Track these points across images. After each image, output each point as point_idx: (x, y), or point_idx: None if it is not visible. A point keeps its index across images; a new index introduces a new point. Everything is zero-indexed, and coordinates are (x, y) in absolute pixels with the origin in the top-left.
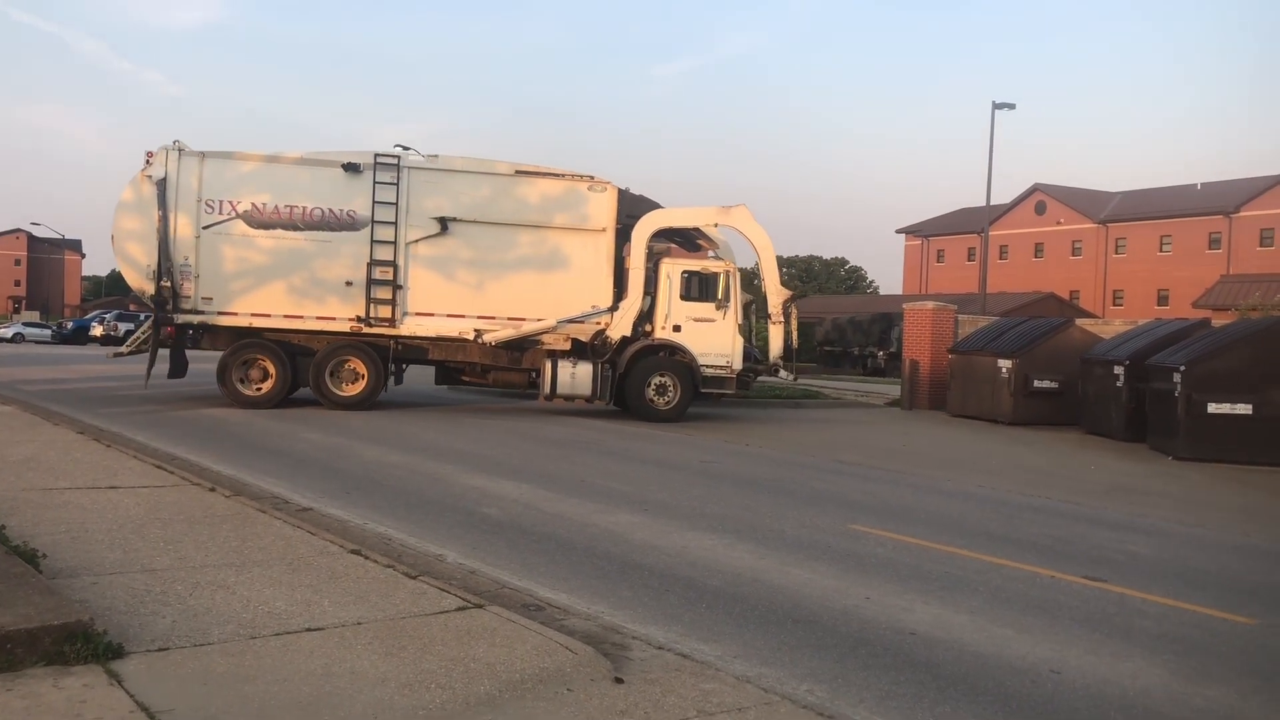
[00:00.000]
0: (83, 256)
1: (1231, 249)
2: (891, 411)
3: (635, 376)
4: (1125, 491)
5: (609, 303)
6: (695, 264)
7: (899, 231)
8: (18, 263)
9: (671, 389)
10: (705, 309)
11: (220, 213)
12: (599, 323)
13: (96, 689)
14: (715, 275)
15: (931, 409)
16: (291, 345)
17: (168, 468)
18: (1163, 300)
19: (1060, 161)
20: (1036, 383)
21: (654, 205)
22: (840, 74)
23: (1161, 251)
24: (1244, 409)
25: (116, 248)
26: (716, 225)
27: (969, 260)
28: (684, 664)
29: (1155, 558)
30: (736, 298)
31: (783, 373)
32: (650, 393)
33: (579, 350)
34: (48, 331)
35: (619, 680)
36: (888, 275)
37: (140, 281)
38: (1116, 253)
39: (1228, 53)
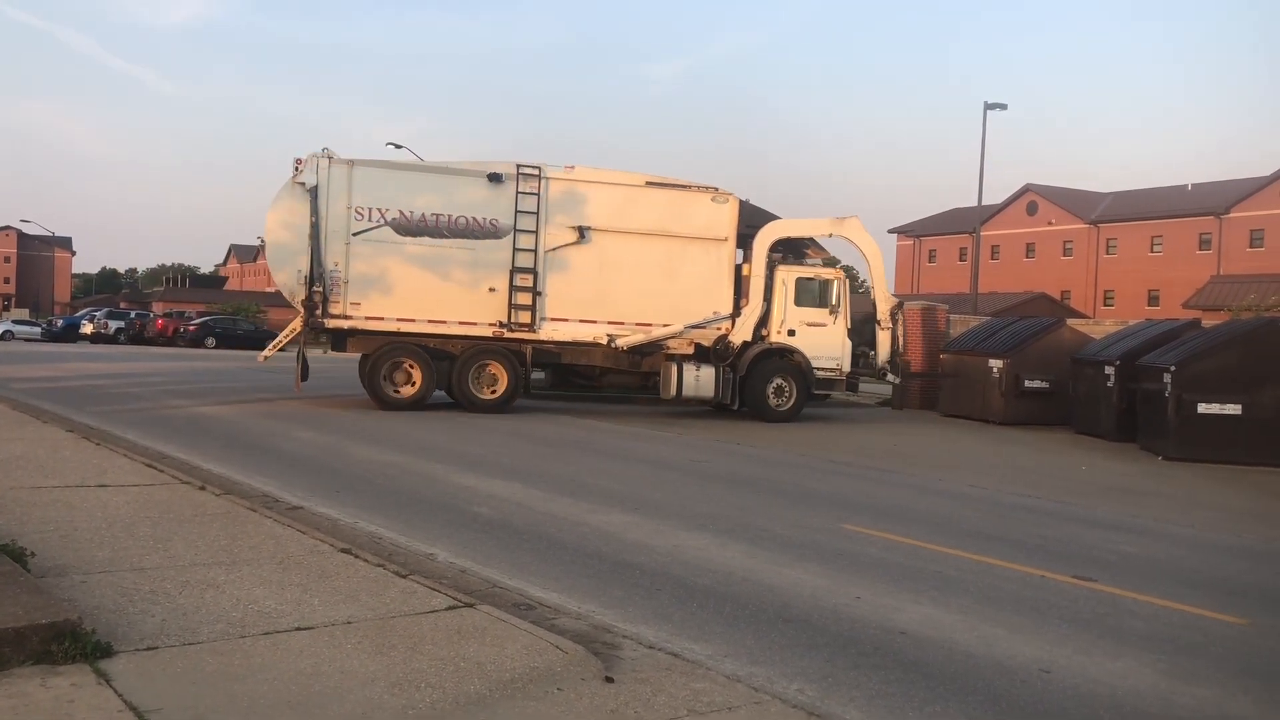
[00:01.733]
0: (73, 254)
1: (1222, 250)
2: (883, 411)
3: (755, 379)
4: (1116, 491)
5: (729, 309)
6: (809, 271)
7: (890, 231)
8: (7, 260)
9: (788, 391)
10: (819, 314)
11: (369, 220)
12: (720, 328)
13: (84, 688)
14: (829, 282)
15: (923, 409)
16: (428, 349)
17: (157, 466)
18: (1153, 300)
19: (1051, 162)
20: (1027, 383)
21: (770, 216)
22: (831, 75)
23: (1152, 252)
24: (1234, 409)
25: (269, 254)
26: (830, 235)
27: (960, 260)
28: (675, 663)
29: (1146, 558)
30: (846, 303)
31: (890, 375)
32: (770, 395)
33: (700, 354)
34: (38, 329)
35: (609, 679)
36: None
37: (291, 286)
38: (1107, 253)
39: (1219, 55)
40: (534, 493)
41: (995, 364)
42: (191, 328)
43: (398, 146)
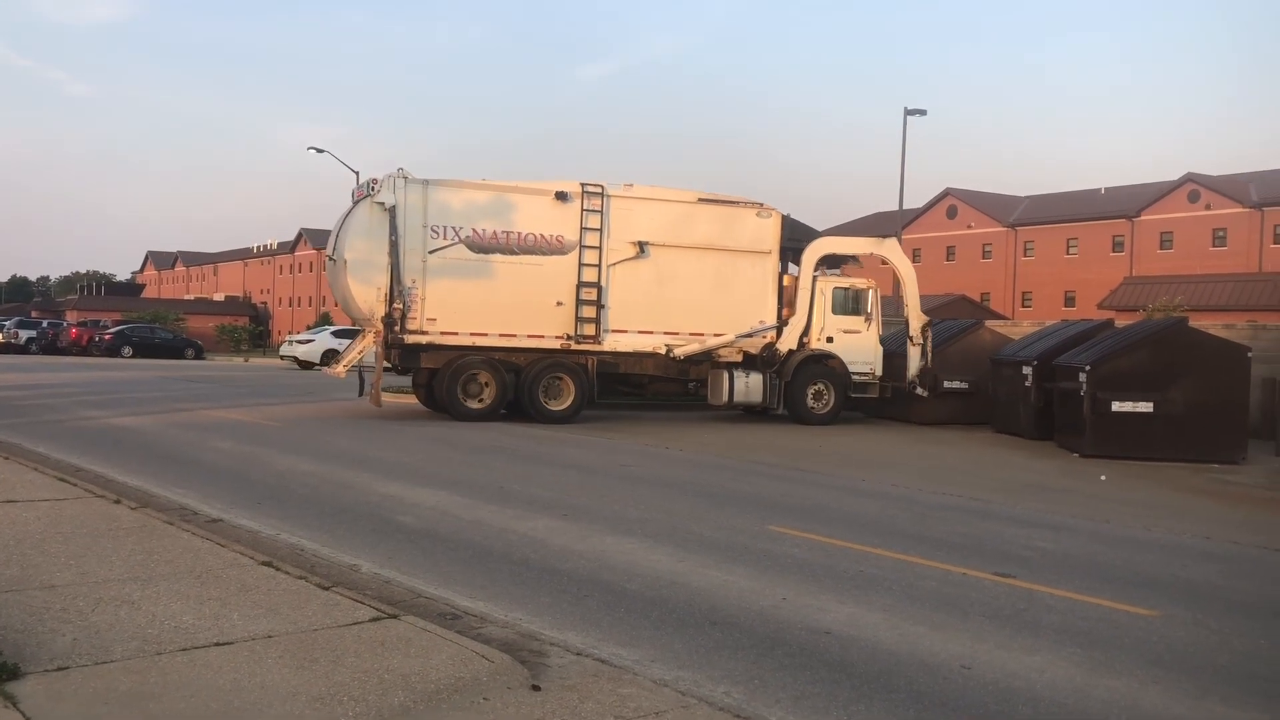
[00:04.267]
0: None
1: (1134, 251)
2: None
3: (796, 384)
4: (1033, 489)
5: (774, 318)
6: (845, 281)
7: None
8: None
9: (826, 395)
10: (855, 322)
11: (444, 238)
12: (766, 336)
13: None
14: (864, 292)
15: (849, 410)
16: (497, 361)
17: (70, 480)
18: (1070, 301)
19: (970, 166)
20: (948, 383)
21: (810, 230)
22: (755, 80)
23: (1068, 254)
24: (1146, 407)
25: (350, 272)
26: (871, 254)
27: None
28: (602, 669)
29: (1062, 553)
30: (878, 312)
31: (919, 389)
32: (809, 399)
33: (747, 362)
34: None
35: (536, 688)
36: None
37: (371, 304)
38: (1025, 255)
39: (1128, 64)
40: (459, 500)
41: (907, 364)
42: (107, 337)
43: (319, 151)
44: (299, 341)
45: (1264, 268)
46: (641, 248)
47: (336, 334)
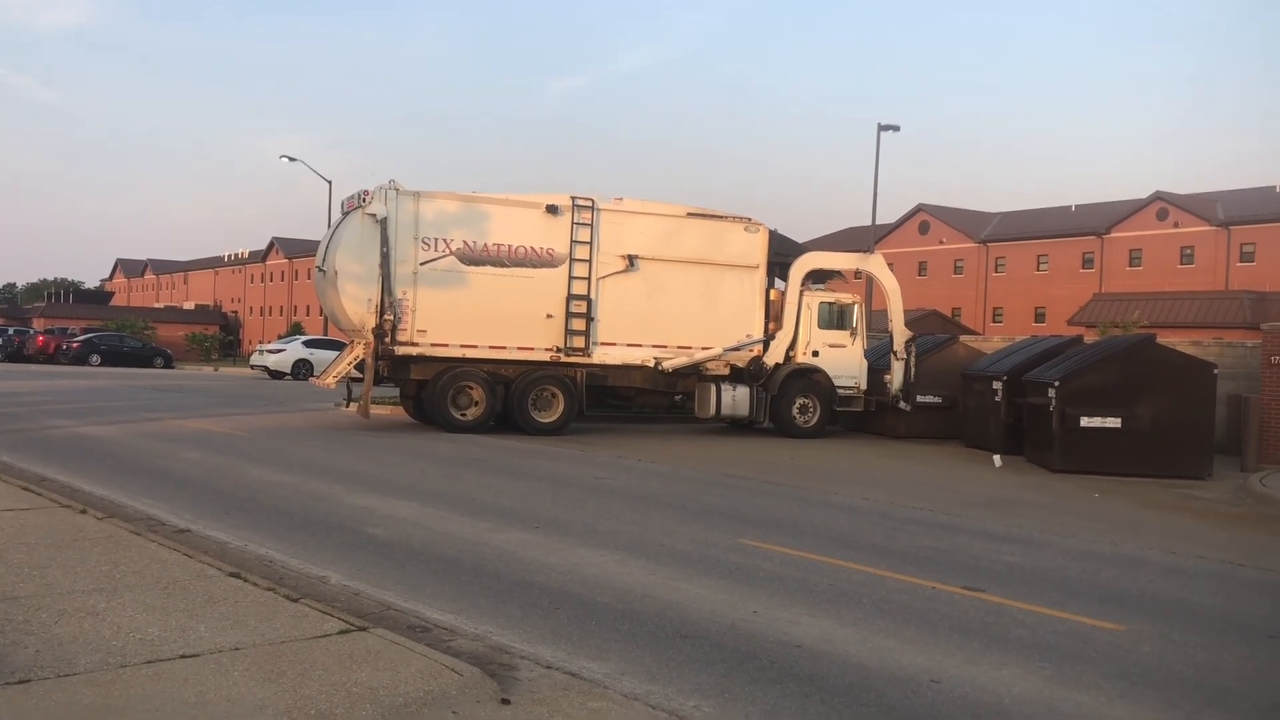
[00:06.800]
0: None
1: (1104, 268)
2: None
3: (783, 398)
4: (1003, 503)
5: (760, 332)
6: (830, 296)
7: None
8: None
9: (812, 409)
10: (840, 336)
11: (435, 250)
12: (753, 350)
13: None
14: (850, 306)
15: (828, 423)
16: (487, 374)
17: (35, 489)
18: (1040, 317)
19: (942, 183)
20: (922, 397)
21: (796, 244)
22: (727, 94)
23: (1039, 270)
24: (1114, 422)
25: (340, 285)
26: (857, 270)
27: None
28: (572, 683)
29: (1031, 567)
30: (863, 326)
31: (903, 403)
32: (795, 413)
33: (734, 375)
34: None
35: (505, 701)
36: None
37: (361, 315)
38: (996, 271)
39: (1098, 82)
40: (432, 512)
41: (889, 378)
42: (75, 345)
43: (291, 160)
44: (270, 351)
45: (1230, 285)
46: (631, 261)
47: (308, 344)
